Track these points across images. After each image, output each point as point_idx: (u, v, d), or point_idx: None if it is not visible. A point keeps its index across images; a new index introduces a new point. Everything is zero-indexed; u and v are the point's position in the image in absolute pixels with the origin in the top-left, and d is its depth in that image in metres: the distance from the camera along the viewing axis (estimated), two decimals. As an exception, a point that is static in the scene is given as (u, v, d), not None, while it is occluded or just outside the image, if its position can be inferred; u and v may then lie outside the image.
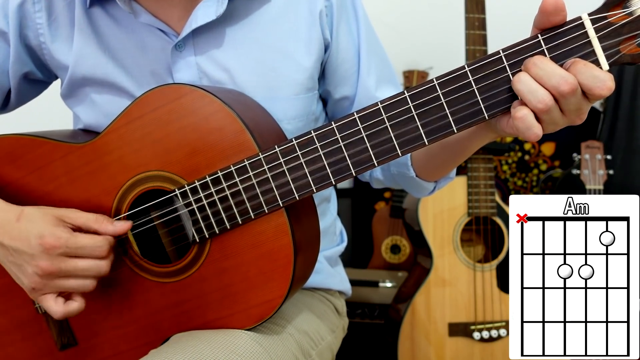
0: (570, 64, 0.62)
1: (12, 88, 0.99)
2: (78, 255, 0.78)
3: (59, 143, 0.86)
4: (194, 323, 0.84)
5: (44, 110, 1.39)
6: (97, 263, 0.79)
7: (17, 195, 0.86)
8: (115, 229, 0.81)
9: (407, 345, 1.68)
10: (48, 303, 0.80)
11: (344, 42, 0.97)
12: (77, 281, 0.79)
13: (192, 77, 0.90)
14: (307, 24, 0.92)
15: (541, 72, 0.62)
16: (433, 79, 0.67)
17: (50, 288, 0.79)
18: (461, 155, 0.87)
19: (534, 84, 0.63)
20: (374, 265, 2.34)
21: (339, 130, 0.71)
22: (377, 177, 1.03)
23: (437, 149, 0.87)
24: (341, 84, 0.99)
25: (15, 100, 1.02)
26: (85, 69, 0.92)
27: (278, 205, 0.76)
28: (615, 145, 2.12)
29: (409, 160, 0.93)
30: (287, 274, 0.78)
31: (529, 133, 0.64)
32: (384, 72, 1.00)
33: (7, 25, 0.93)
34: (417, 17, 2.36)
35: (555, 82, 0.61)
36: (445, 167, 0.92)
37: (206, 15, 0.87)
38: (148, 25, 0.89)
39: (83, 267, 0.78)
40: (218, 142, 0.78)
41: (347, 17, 0.97)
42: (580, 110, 0.65)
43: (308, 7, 0.93)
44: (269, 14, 0.91)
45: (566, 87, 0.61)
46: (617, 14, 0.60)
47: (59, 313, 0.80)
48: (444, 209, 1.72)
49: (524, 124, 0.64)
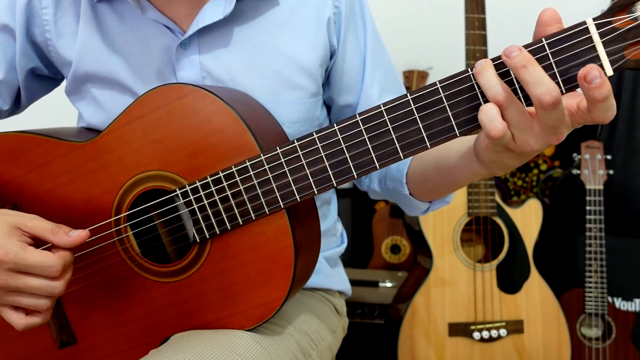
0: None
1: (21, 85, 0.99)
2: (28, 272, 0.74)
3: (60, 141, 0.85)
4: (194, 323, 0.83)
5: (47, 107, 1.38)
6: (48, 283, 0.74)
7: (17, 193, 0.86)
8: (70, 239, 0.76)
9: (407, 345, 1.68)
10: (7, 315, 0.77)
11: (351, 51, 0.97)
12: (30, 299, 0.75)
13: (195, 76, 0.89)
14: (314, 29, 0.92)
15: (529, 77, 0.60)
16: (436, 82, 0.67)
17: (4, 301, 0.76)
18: (453, 184, 0.85)
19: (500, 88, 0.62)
20: (374, 265, 2.34)
21: (341, 132, 0.71)
22: (374, 189, 1.03)
23: (433, 173, 0.87)
24: (345, 92, 0.99)
25: (26, 98, 1.01)
26: (89, 64, 0.92)
27: (279, 206, 0.76)
28: (615, 145, 2.12)
29: (404, 177, 0.93)
30: (288, 276, 0.78)
31: (490, 127, 0.63)
32: (389, 82, 1.01)
33: (14, 22, 0.93)
34: (417, 17, 2.35)
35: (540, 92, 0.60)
36: (439, 192, 0.91)
37: (213, 14, 0.87)
38: (154, 21, 0.89)
39: (33, 286, 0.74)
40: (219, 142, 0.77)
41: (355, 25, 0.97)
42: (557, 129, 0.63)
43: (316, 12, 0.92)
44: (276, 17, 0.91)
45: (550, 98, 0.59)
46: (622, 19, 0.59)
47: (20, 325, 0.77)
48: (443, 209, 1.72)
49: (486, 115, 0.63)
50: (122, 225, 0.84)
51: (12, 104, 1.00)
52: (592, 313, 1.84)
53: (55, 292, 0.75)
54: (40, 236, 0.76)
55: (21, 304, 0.75)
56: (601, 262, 1.83)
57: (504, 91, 0.62)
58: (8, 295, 0.75)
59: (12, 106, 1.01)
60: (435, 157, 0.86)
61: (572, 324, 1.84)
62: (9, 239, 0.73)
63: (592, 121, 0.62)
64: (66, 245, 0.76)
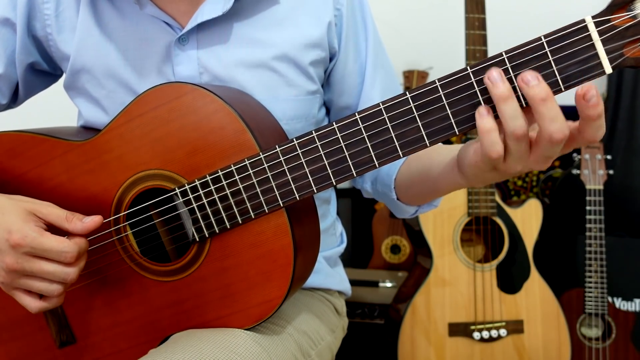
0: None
1: (19, 79, 0.99)
2: (44, 257, 0.75)
3: (59, 140, 0.85)
4: (194, 322, 0.83)
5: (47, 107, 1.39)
6: (63, 269, 0.75)
7: (17, 192, 0.86)
8: (84, 225, 0.77)
9: (407, 345, 1.68)
10: (21, 298, 0.78)
11: (352, 54, 0.98)
12: (43, 284, 0.76)
13: (192, 71, 0.90)
14: (313, 29, 0.92)
15: (547, 112, 0.61)
16: (435, 80, 0.67)
17: (17, 284, 0.77)
18: (436, 192, 0.87)
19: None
20: (374, 265, 2.34)
21: (340, 130, 0.71)
22: (367, 190, 1.05)
23: (417, 181, 0.90)
24: (346, 94, 1.00)
25: (23, 92, 1.02)
26: (87, 58, 0.92)
27: (278, 205, 0.76)
28: (615, 145, 2.12)
29: (393, 182, 0.95)
30: (287, 274, 0.77)
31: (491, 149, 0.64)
32: (390, 85, 1.02)
33: (15, 16, 0.94)
34: (417, 17, 2.36)
35: (554, 128, 0.61)
36: (424, 198, 0.93)
37: (213, 10, 0.87)
38: (153, 17, 0.89)
39: (48, 271, 0.75)
40: (219, 141, 0.77)
41: (355, 28, 0.98)
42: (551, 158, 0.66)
43: (317, 13, 0.93)
44: (275, 16, 0.91)
45: (561, 136, 0.62)
46: (621, 17, 0.59)
47: (34, 308, 0.78)
48: (444, 209, 1.72)
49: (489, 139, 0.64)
50: (121, 225, 0.84)
51: (10, 98, 1.01)
52: (592, 313, 1.84)
53: (68, 279, 0.76)
54: (55, 223, 0.77)
55: (33, 288, 0.77)
56: (601, 262, 1.83)
57: (525, 126, 0.63)
58: (22, 279, 0.76)
59: (10, 100, 1.01)
60: (421, 165, 0.88)
61: (572, 324, 1.84)
62: (26, 224, 0.75)
63: (583, 142, 0.64)
64: (81, 232, 0.78)
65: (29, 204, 0.78)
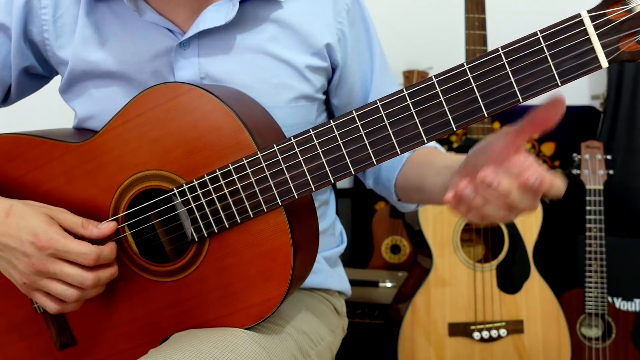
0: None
1: (13, 82, 0.99)
2: (66, 259, 0.78)
3: (56, 142, 0.85)
4: (193, 322, 0.83)
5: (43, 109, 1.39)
6: (81, 273, 0.78)
7: (15, 194, 0.86)
8: (100, 231, 0.80)
9: (407, 345, 1.67)
10: (41, 300, 0.81)
11: (358, 67, 1.00)
12: (62, 286, 0.78)
13: (194, 76, 0.89)
14: (314, 38, 0.92)
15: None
16: (432, 77, 0.67)
17: (39, 285, 0.79)
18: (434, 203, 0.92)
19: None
20: (374, 265, 2.33)
21: (338, 128, 0.71)
22: (370, 186, 1.08)
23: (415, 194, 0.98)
24: (352, 103, 1.02)
25: (15, 94, 1.02)
26: (86, 64, 0.92)
27: (277, 204, 0.76)
28: (615, 145, 2.12)
29: (393, 187, 1.01)
30: (287, 273, 0.77)
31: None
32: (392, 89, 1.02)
33: (10, 20, 0.94)
34: (417, 17, 2.36)
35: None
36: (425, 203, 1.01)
37: (215, 19, 0.87)
38: (153, 23, 0.89)
39: (68, 273, 0.78)
40: (216, 141, 0.77)
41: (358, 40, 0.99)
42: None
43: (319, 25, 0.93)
44: (278, 24, 0.91)
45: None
46: (616, 11, 0.59)
47: (54, 308, 0.81)
48: (444, 208, 1.72)
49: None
50: (120, 226, 0.83)
51: (1, 100, 1.02)
52: (592, 313, 1.84)
53: (85, 284, 0.78)
54: (71, 229, 0.80)
55: (51, 290, 0.79)
56: (601, 262, 1.83)
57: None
58: (43, 280, 0.78)
59: (1, 101, 1.02)
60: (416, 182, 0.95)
61: (572, 324, 1.84)
62: (50, 227, 0.78)
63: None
64: (97, 237, 0.80)
65: (46, 209, 0.81)
